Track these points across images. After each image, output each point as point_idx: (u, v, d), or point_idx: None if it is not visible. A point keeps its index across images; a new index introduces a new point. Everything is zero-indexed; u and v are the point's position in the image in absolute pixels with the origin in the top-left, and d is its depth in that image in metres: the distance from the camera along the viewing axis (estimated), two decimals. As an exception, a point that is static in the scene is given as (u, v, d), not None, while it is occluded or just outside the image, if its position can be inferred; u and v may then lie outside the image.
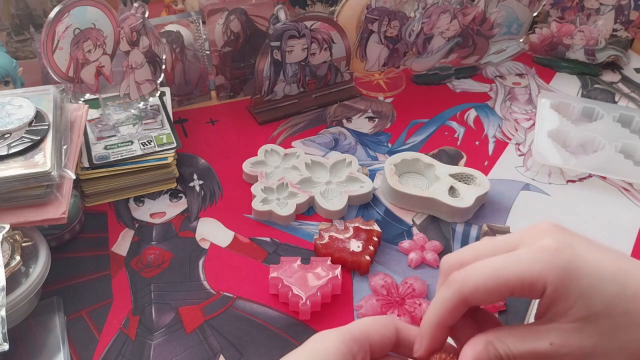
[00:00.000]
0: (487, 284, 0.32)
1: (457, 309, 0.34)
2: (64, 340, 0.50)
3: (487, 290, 0.32)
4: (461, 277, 0.33)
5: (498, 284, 0.32)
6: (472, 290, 0.33)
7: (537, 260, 0.31)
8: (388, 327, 0.36)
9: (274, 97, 0.81)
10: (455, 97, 0.87)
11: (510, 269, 0.32)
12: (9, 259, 0.49)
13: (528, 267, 0.32)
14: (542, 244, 0.32)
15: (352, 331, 0.34)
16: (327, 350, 0.33)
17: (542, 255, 0.32)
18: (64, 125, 0.60)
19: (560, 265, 0.31)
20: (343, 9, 0.80)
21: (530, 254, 0.32)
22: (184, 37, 0.78)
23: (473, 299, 0.33)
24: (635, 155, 0.72)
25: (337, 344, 0.33)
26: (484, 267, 0.33)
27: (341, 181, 0.68)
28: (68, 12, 0.61)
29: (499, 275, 0.32)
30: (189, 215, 0.65)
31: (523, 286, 0.32)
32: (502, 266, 0.32)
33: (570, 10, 0.95)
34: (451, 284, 0.34)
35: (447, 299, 0.34)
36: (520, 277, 0.32)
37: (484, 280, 0.33)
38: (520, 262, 0.32)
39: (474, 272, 0.33)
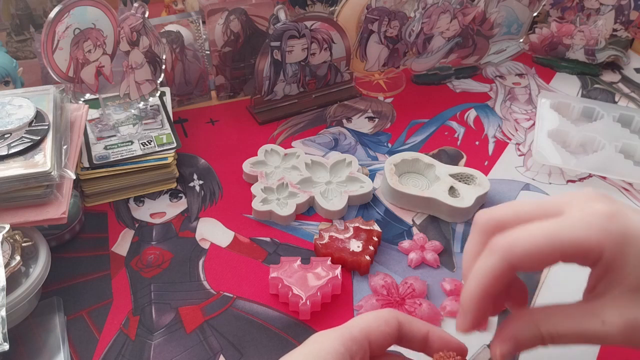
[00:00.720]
0: (541, 250, 0.30)
1: (503, 277, 0.31)
2: (64, 340, 0.50)
3: (539, 257, 0.30)
4: (508, 242, 0.31)
5: (551, 250, 0.30)
6: (522, 256, 0.30)
7: (594, 226, 0.29)
8: (389, 323, 0.35)
9: (274, 97, 0.81)
10: (455, 97, 0.87)
11: (565, 234, 0.30)
12: (9, 259, 0.49)
13: (585, 233, 0.29)
14: (596, 208, 0.30)
15: (352, 330, 0.34)
16: (325, 350, 0.33)
17: (598, 220, 0.29)
18: (64, 125, 0.60)
19: (618, 231, 0.29)
20: (343, 9, 0.80)
21: (585, 219, 0.30)
22: (184, 37, 0.78)
23: (522, 266, 0.31)
24: (635, 155, 0.72)
25: (334, 344, 0.33)
26: (535, 232, 0.31)
27: (341, 181, 0.68)
28: (68, 12, 0.61)
29: (553, 242, 0.30)
30: (189, 215, 0.65)
31: (578, 253, 0.30)
32: (555, 232, 0.30)
33: (570, 10, 0.95)
34: (496, 250, 0.31)
35: (493, 266, 0.31)
36: (576, 243, 0.29)
37: (536, 247, 0.30)
38: (575, 228, 0.30)
39: (523, 237, 0.31)
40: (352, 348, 0.33)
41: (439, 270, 0.59)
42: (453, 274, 0.58)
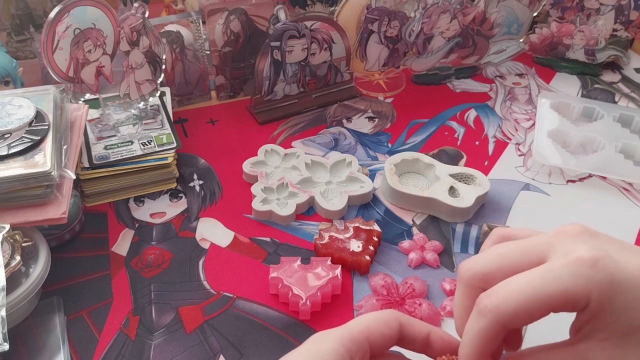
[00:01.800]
0: (528, 307, 0.30)
1: (496, 337, 0.31)
2: (64, 340, 0.50)
3: (527, 314, 0.30)
4: (496, 303, 0.31)
5: (539, 305, 0.30)
6: (512, 316, 0.30)
7: (579, 275, 0.29)
8: (390, 324, 0.35)
9: (274, 97, 0.81)
10: (455, 97, 0.87)
11: (552, 287, 0.30)
12: (9, 259, 0.49)
13: (570, 282, 0.29)
14: (579, 254, 0.30)
15: (351, 331, 0.34)
16: (324, 350, 0.32)
17: (582, 269, 0.29)
18: (64, 125, 0.60)
19: (604, 279, 0.29)
20: (343, 9, 0.80)
21: (569, 268, 0.30)
22: (184, 37, 0.78)
23: (513, 324, 0.31)
24: (635, 155, 0.72)
25: (334, 345, 0.33)
26: (521, 288, 0.30)
27: (341, 181, 0.68)
28: (68, 12, 0.61)
29: (540, 296, 0.30)
30: (189, 215, 0.65)
31: (566, 303, 0.30)
32: (541, 285, 0.30)
33: (570, 10, 0.95)
34: (485, 314, 0.31)
35: (485, 329, 0.31)
36: (563, 295, 0.29)
37: (524, 304, 0.30)
38: (561, 279, 0.30)
39: (510, 296, 0.31)
40: (352, 349, 0.33)
41: (439, 270, 0.59)
42: (453, 274, 0.58)
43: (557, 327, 0.35)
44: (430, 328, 0.36)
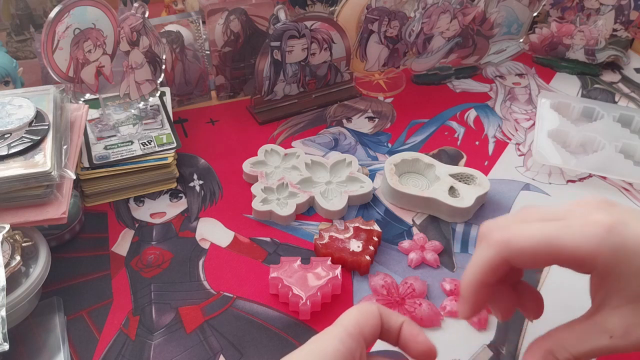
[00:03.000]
0: (536, 249, 0.31)
1: (498, 269, 0.32)
2: (64, 340, 0.50)
3: (533, 255, 0.31)
4: (506, 236, 0.32)
5: (547, 251, 0.31)
6: (518, 252, 0.31)
7: (592, 235, 0.30)
8: (375, 315, 0.35)
9: (274, 97, 0.81)
10: (455, 97, 0.87)
11: (563, 239, 0.30)
12: (9, 259, 0.49)
13: (582, 241, 0.30)
14: (596, 218, 0.31)
15: (347, 328, 0.34)
16: (325, 350, 0.33)
17: (596, 230, 0.30)
18: (64, 125, 0.60)
19: (615, 243, 0.30)
20: (343, 9, 0.80)
21: (584, 227, 0.30)
22: (184, 37, 0.78)
23: (516, 261, 0.32)
24: (635, 155, 0.72)
25: (334, 344, 0.33)
26: (532, 232, 0.32)
27: (341, 181, 0.68)
28: (68, 12, 0.61)
29: (549, 244, 0.31)
30: (189, 215, 0.65)
31: (572, 259, 0.30)
32: (553, 234, 0.31)
33: (570, 10, 0.95)
34: (494, 243, 0.32)
35: (489, 257, 0.32)
36: (571, 250, 0.30)
37: (532, 245, 0.31)
38: (574, 234, 0.30)
39: (520, 235, 0.32)
40: (352, 346, 0.33)
41: (439, 270, 0.59)
42: (453, 274, 0.58)
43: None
44: (404, 319, 0.36)
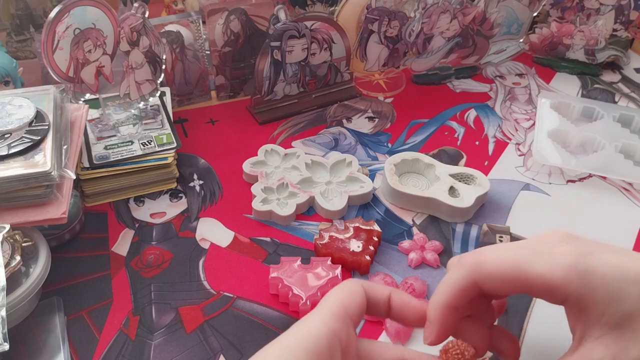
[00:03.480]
0: (505, 274, 0.31)
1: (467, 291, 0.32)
2: (64, 340, 0.50)
3: (502, 280, 0.31)
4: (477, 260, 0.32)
5: (517, 277, 0.30)
6: (487, 276, 0.31)
7: (560, 263, 0.30)
8: (359, 292, 0.34)
9: (274, 97, 0.81)
10: (455, 97, 0.87)
11: (532, 266, 0.30)
12: (9, 259, 0.49)
13: (551, 267, 0.30)
14: (562, 249, 0.31)
15: (332, 309, 0.33)
16: (309, 333, 0.31)
17: (564, 258, 0.30)
18: (64, 125, 0.60)
19: (583, 271, 0.29)
20: (343, 9, 0.80)
21: (552, 257, 0.30)
22: (184, 37, 0.78)
23: (485, 285, 0.31)
24: (635, 155, 0.72)
25: (319, 326, 0.32)
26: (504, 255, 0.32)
27: (341, 181, 0.68)
28: (68, 12, 0.61)
29: (519, 269, 0.30)
30: (189, 215, 0.65)
31: (543, 287, 0.30)
32: (522, 260, 0.31)
33: (570, 10, 0.95)
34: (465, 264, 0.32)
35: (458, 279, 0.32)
36: (542, 277, 0.30)
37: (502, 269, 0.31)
38: (543, 262, 0.30)
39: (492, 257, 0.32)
40: (336, 326, 0.32)
41: (439, 270, 0.59)
42: (453, 274, 0.58)
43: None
44: (390, 290, 0.35)
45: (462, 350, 0.32)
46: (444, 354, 0.33)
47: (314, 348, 0.30)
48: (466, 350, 0.32)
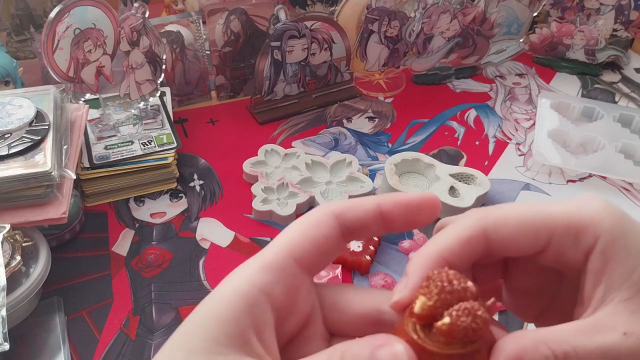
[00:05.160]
0: (520, 220, 0.25)
1: (470, 244, 0.25)
2: (64, 340, 0.50)
3: (517, 228, 0.24)
4: (485, 210, 0.26)
5: (534, 223, 0.24)
6: (500, 223, 0.25)
7: (589, 204, 0.24)
8: (322, 224, 0.25)
9: (274, 97, 0.81)
10: (455, 97, 0.87)
11: (556, 205, 0.25)
12: (9, 259, 0.49)
13: (579, 204, 0.24)
14: (589, 195, 0.25)
15: (266, 257, 0.24)
16: (222, 300, 0.23)
17: (594, 201, 0.24)
18: (64, 125, 0.60)
19: (622, 214, 0.24)
20: (343, 9, 0.80)
21: (579, 201, 0.25)
22: (184, 37, 0.78)
23: (497, 237, 0.25)
24: (635, 155, 0.72)
25: (235, 287, 0.23)
26: (518, 205, 0.26)
27: (341, 181, 0.68)
28: (68, 12, 0.61)
29: (537, 214, 0.25)
30: (189, 215, 0.65)
31: (568, 230, 0.24)
32: (544, 206, 0.25)
33: (570, 10, 0.95)
34: (471, 214, 0.26)
35: (462, 226, 0.25)
36: (568, 213, 0.24)
37: (518, 213, 0.25)
38: (568, 204, 0.25)
39: (504, 207, 0.26)
40: (266, 280, 0.24)
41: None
42: (453, 274, 0.58)
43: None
44: (376, 200, 0.26)
45: (450, 279, 0.22)
46: (425, 281, 0.23)
47: (223, 320, 0.22)
48: (456, 279, 0.22)
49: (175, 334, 0.23)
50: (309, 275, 0.25)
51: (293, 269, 0.24)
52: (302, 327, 0.25)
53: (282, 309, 0.24)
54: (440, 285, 0.22)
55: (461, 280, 0.22)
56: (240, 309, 0.23)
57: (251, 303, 0.23)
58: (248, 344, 0.22)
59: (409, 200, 0.27)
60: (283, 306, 0.24)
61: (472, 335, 0.21)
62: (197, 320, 0.23)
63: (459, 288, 0.22)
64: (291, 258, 0.25)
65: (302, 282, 0.25)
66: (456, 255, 0.25)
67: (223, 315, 0.23)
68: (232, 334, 0.22)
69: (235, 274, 0.24)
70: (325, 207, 0.26)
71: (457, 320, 0.21)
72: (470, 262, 0.26)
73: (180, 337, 0.23)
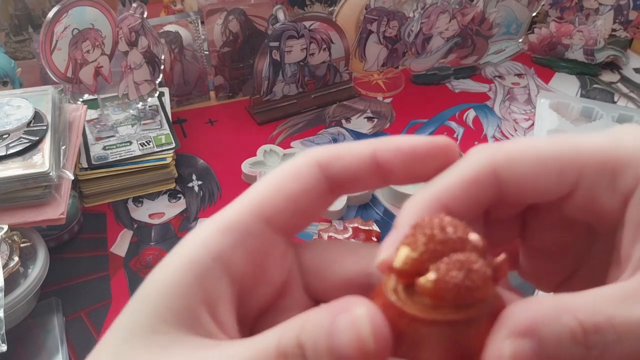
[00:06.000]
0: (541, 156, 0.19)
1: (479, 184, 0.19)
2: (62, 341, 0.50)
3: (537, 165, 0.19)
4: (496, 145, 0.20)
5: (559, 158, 0.19)
6: (514, 159, 0.19)
7: (629, 137, 0.19)
8: (302, 175, 0.20)
9: (273, 98, 0.81)
10: (454, 97, 0.87)
11: (584, 142, 0.19)
12: (8, 259, 0.49)
13: (614, 143, 0.19)
14: (630, 126, 0.20)
15: (226, 217, 0.20)
16: (166, 280, 0.20)
17: (635, 133, 0.19)
18: (63, 125, 0.60)
19: None
20: (342, 9, 0.80)
21: (614, 133, 0.20)
22: (182, 38, 0.78)
23: (511, 177, 0.19)
24: (634, 155, 0.72)
25: (191, 252, 0.20)
26: (537, 139, 0.21)
27: (340, 181, 0.68)
28: (66, 12, 0.61)
29: (562, 148, 0.19)
30: (187, 215, 0.65)
31: (603, 169, 0.19)
32: (567, 140, 0.20)
33: (569, 11, 0.95)
34: (478, 150, 0.20)
35: (467, 166, 0.20)
36: (600, 153, 0.19)
37: (535, 150, 0.19)
38: (600, 138, 0.19)
39: (520, 141, 0.20)
40: (224, 245, 0.19)
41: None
42: (452, 274, 0.58)
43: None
44: (372, 146, 0.21)
45: (443, 226, 0.17)
46: (412, 229, 0.18)
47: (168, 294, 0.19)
48: (452, 226, 0.17)
49: (122, 310, 0.20)
50: (284, 237, 0.21)
51: (261, 230, 0.20)
52: (276, 297, 0.21)
53: (245, 279, 0.20)
54: (430, 233, 0.17)
55: (458, 229, 0.17)
56: (188, 281, 0.19)
57: (202, 273, 0.19)
58: (197, 320, 0.19)
59: (414, 146, 0.21)
60: (247, 275, 0.20)
61: (467, 296, 0.16)
62: (142, 295, 0.20)
63: (454, 237, 0.17)
64: (259, 217, 0.20)
65: (273, 246, 0.20)
66: (459, 200, 0.19)
67: (168, 289, 0.19)
68: (177, 310, 0.19)
69: (189, 238, 0.20)
70: (308, 155, 0.21)
71: (445, 275, 0.16)
72: (478, 210, 0.20)
73: (124, 314, 0.20)
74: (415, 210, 0.20)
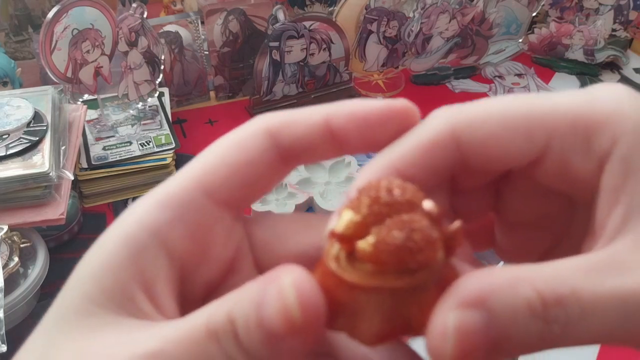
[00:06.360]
0: (506, 116, 0.17)
1: (437, 148, 0.18)
2: (62, 342, 0.50)
3: (501, 127, 0.17)
4: (458, 106, 0.19)
5: (527, 118, 0.17)
6: (477, 120, 0.18)
7: (605, 95, 0.17)
8: (249, 144, 0.19)
9: (272, 98, 0.81)
10: (454, 97, 0.87)
11: (555, 100, 0.17)
12: (7, 260, 0.49)
13: (588, 101, 0.17)
14: (606, 84, 0.18)
15: (166, 189, 0.19)
16: (94, 262, 0.19)
17: (611, 90, 0.17)
18: (63, 125, 0.60)
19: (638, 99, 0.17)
20: (342, 9, 0.80)
21: (590, 90, 0.18)
22: (182, 38, 0.78)
23: (473, 139, 0.18)
24: (634, 155, 0.72)
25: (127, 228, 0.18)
26: (504, 98, 0.18)
27: (340, 182, 0.68)
28: (66, 12, 0.61)
29: (531, 107, 0.17)
30: (187, 215, 0.65)
31: (575, 129, 0.17)
32: (538, 98, 0.18)
33: (569, 11, 0.95)
34: (438, 112, 0.19)
35: (424, 129, 0.19)
36: (573, 112, 0.17)
37: (500, 110, 0.18)
38: (574, 95, 0.18)
39: (484, 101, 0.18)
40: (160, 221, 0.18)
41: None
42: (452, 275, 0.58)
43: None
44: (324, 112, 0.19)
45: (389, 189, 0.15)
46: (357, 193, 0.16)
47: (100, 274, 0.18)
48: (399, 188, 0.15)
49: (58, 294, 0.19)
50: (230, 211, 0.19)
51: (202, 204, 0.19)
52: (225, 274, 0.20)
53: (187, 256, 0.18)
54: (375, 195, 0.15)
55: (407, 191, 0.15)
56: (120, 259, 0.18)
57: (137, 250, 0.18)
58: (131, 301, 0.17)
59: (368, 112, 0.19)
60: (188, 252, 0.18)
61: (409, 259, 0.14)
62: (75, 276, 0.19)
63: (401, 200, 0.15)
64: (200, 190, 0.19)
65: (217, 221, 0.19)
66: (416, 167, 0.18)
67: (99, 268, 0.18)
68: (109, 290, 0.18)
69: (125, 214, 0.19)
70: (257, 122, 0.19)
71: (385, 236, 0.14)
72: (439, 178, 0.19)
73: (58, 298, 0.19)
74: (367, 177, 0.18)
